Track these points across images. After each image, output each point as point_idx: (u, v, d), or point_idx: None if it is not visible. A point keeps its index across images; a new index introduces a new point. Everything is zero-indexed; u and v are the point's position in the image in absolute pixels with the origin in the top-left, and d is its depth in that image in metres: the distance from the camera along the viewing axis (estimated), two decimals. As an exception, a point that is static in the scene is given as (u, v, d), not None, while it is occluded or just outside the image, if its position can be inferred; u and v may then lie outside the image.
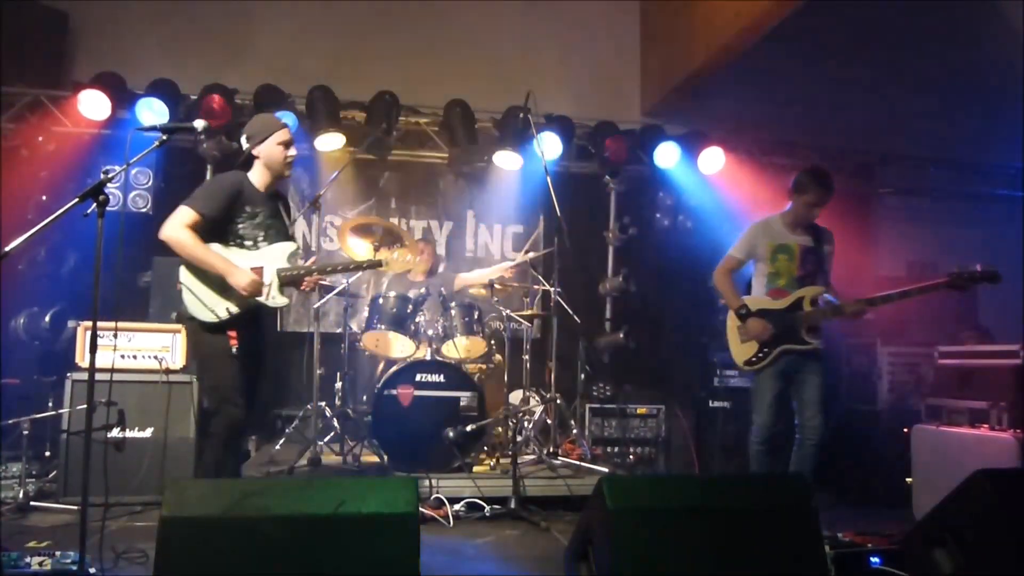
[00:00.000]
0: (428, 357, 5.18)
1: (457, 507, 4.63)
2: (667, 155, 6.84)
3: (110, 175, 3.07)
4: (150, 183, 6.15)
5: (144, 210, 6.12)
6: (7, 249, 2.73)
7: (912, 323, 6.53)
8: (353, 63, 6.98)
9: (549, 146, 6.32)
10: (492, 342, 5.65)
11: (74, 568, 3.07)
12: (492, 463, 5.19)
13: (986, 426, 4.57)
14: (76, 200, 2.90)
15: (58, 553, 3.24)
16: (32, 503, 4.57)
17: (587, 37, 7.56)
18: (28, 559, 3.16)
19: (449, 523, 4.46)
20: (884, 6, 6.03)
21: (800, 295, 4.45)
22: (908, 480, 5.03)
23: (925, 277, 7.30)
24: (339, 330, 5.93)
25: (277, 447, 5.44)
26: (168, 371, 5.05)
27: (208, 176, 6.33)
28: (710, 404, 6.12)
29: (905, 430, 5.20)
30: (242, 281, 3.64)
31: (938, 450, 4.76)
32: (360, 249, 5.47)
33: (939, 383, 5.24)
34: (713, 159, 6.82)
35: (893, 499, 5.29)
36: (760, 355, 4.45)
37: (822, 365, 4.48)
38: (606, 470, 5.25)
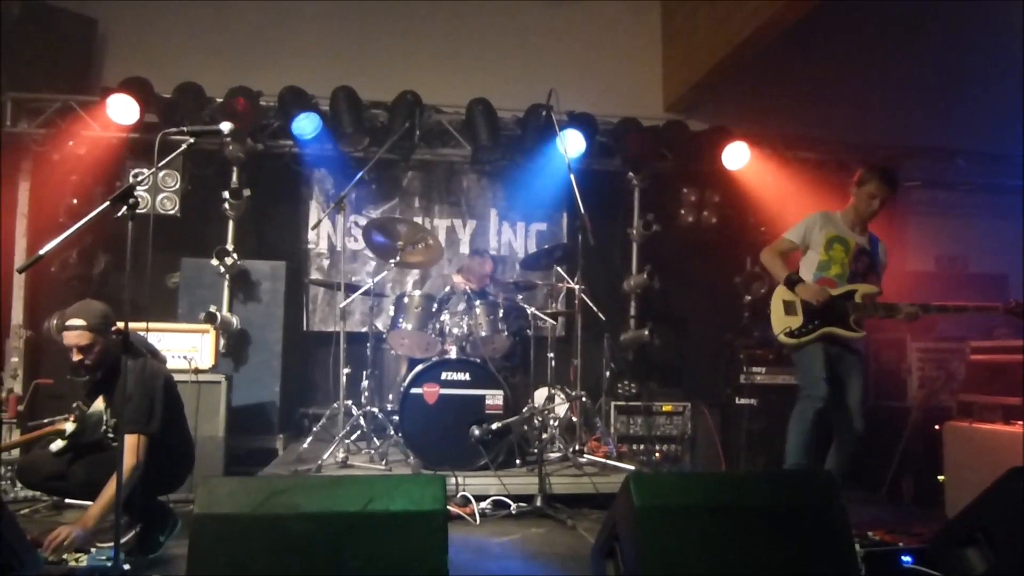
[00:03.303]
0: (453, 355, 5.19)
1: (483, 505, 4.65)
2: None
3: (139, 179, 3.11)
4: (177, 186, 6.21)
5: (172, 212, 6.18)
6: (41, 252, 2.78)
7: (942, 318, 6.43)
8: (375, 63, 7.02)
9: (572, 143, 6.30)
10: (517, 339, 5.66)
11: (109, 564, 3.12)
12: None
13: (1020, 423, 4.48)
14: (107, 204, 2.94)
15: (93, 550, 3.31)
16: (67, 500, 4.62)
17: (609, 34, 7.54)
18: (64, 555, 3.22)
19: (475, 521, 4.47)
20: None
21: (854, 288, 4.41)
22: (940, 478, 4.97)
23: (954, 271, 7.28)
24: (365, 329, 5.97)
25: (304, 445, 5.49)
26: (197, 371, 5.13)
27: (234, 178, 6.40)
28: (736, 401, 6.09)
29: (936, 427, 5.13)
30: None
31: (970, 447, 4.69)
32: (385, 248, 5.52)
33: (971, 379, 5.16)
34: (738, 154, 6.76)
35: (924, 497, 5.24)
36: (803, 329, 4.38)
37: (863, 364, 4.45)
38: (632, 468, 5.23)
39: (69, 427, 3.73)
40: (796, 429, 4.35)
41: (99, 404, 3.75)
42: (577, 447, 5.44)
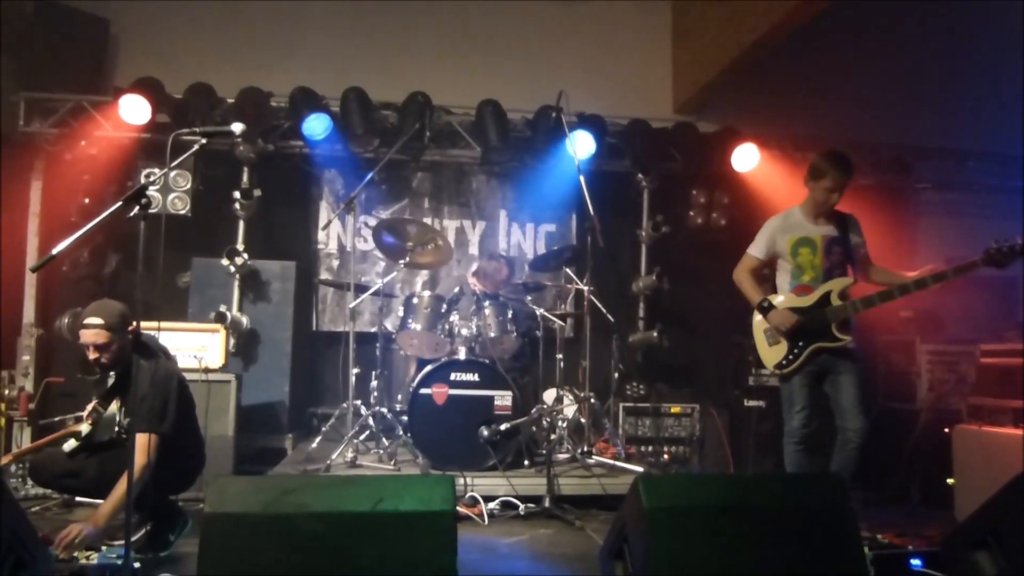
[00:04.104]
0: (463, 356, 5.20)
1: (492, 505, 4.66)
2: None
3: (152, 179, 3.13)
4: (188, 186, 6.24)
5: (183, 212, 6.22)
6: (54, 251, 2.80)
7: (952, 320, 6.41)
8: (386, 64, 7.04)
9: (581, 145, 6.30)
10: (526, 340, 5.66)
11: (119, 563, 3.14)
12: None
13: (1030, 426, 4.46)
14: (120, 203, 2.96)
15: (104, 548, 3.33)
16: (78, 499, 4.64)
17: (618, 35, 7.54)
18: (75, 553, 3.24)
19: (484, 521, 4.48)
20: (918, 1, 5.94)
21: (828, 289, 4.23)
22: (949, 481, 4.94)
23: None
24: (374, 329, 5.98)
25: (313, 445, 5.51)
26: (207, 370, 5.15)
27: (245, 178, 6.42)
28: (745, 403, 6.07)
29: (946, 430, 5.10)
30: None
31: (980, 450, 4.66)
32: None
33: (981, 382, 5.13)
34: (747, 155, 6.75)
35: (934, 500, 5.22)
36: (791, 357, 4.27)
37: (857, 363, 4.28)
38: (640, 469, 5.24)
39: (85, 428, 3.76)
40: (787, 455, 4.36)
41: (113, 405, 3.78)
42: (585, 448, 5.45)
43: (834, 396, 4.29)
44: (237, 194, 6.25)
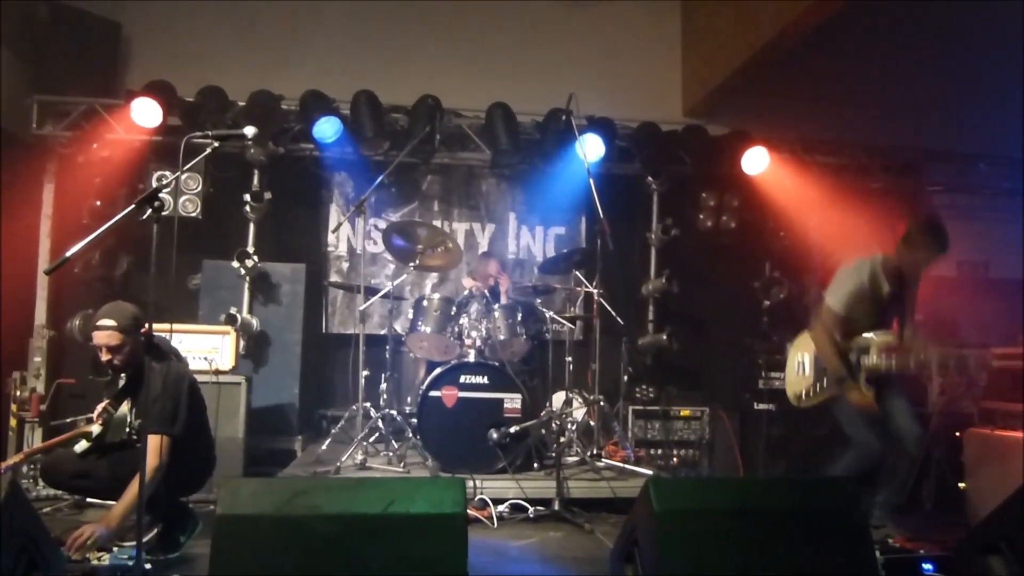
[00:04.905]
0: (472, 359, 5.20)
1: (501, 508, 4.66)
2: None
3: (164, 182, 3.15)
4: (199, 188, 6.26)
5: (194, 214, 6.24)
6: (68, 254, 2.81)
7: (963, 323, 6.38)
8: (396, 68, 7.06)
9: (591, 148, 6.30)
10: (535, 343, 5.67)
11: (130, 564, 3.16)
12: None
13: (1042, 430, 4.44)
14: (133, 206, 2.98)
15: (115, 549, 3.34)
16: (89, 499, 4.65)
17: (628, 38, 7.54)
18: (87, 554, 3.26)
19: (493, 524, 4.49)
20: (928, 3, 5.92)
21: (868, 342, 4.24)
22: (961, 485, 4.92)
23: (975, 276, 7.21)
24: (383, 331, 5.99)
25: (323, 447, 5.52)
26: (218, 372, 5.17)
27: (255, 181, 6.45)
28: (754, 406, 6.05)
29: (957, 433, 5.08)
30: None
31: (992, 454, 4.64)
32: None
33: (993, 385, 5.11)
34: (757, 158, 6.74)
35: (946, 504, 5.19)
36: (810, 394, 4.38)
37: (895, 384, 4.29)
38: (650, 472, 5.23)
39: (96, 429, 3.78)
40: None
41: (124, 407, 3.80)
42: (595, 451, 5.44)
43: (887, 407, 4.28)
44: (248, 197, 6.28)
